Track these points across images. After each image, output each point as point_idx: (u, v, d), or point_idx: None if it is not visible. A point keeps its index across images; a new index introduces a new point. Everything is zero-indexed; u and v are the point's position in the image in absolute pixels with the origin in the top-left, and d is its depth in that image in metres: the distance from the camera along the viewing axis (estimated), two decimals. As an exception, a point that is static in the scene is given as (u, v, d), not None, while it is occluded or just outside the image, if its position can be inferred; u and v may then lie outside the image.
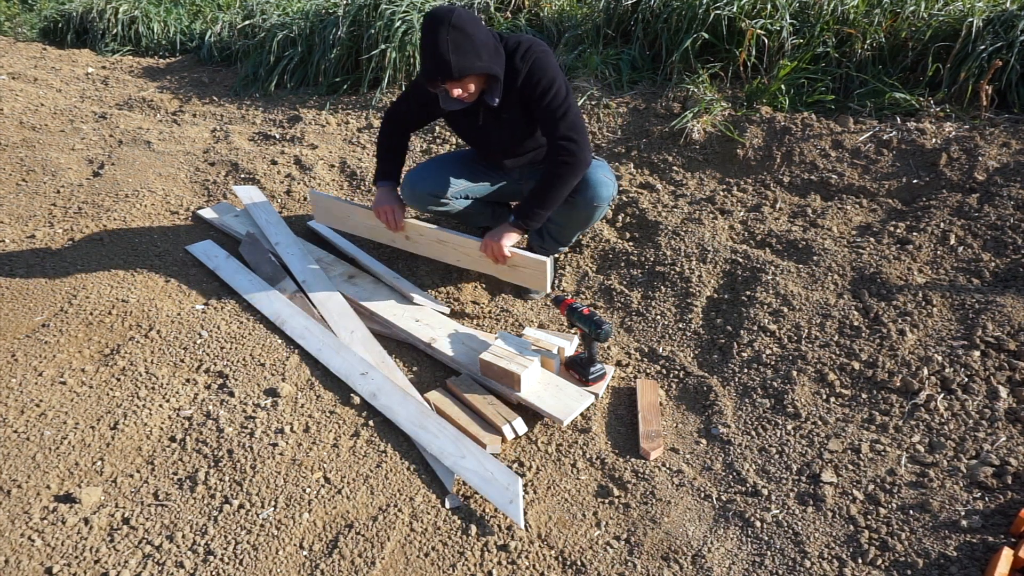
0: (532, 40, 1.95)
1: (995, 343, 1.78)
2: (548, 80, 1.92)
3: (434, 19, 1.77)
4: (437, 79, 1.82)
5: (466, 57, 1.78)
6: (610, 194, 2.12)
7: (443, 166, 2.26)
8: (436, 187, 2.22)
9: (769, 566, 1.38)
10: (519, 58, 1.92)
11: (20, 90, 4.58)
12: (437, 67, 1.78)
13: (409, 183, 2.25)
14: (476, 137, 2.18)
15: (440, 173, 2.23)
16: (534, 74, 1.92)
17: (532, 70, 1.92)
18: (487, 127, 2.08)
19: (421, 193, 2.23)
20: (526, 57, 1.92)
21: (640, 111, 3.29)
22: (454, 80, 1.81)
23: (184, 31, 6.11)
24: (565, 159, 1.95)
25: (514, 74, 1.93)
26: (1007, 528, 1.37)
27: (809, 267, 2.20)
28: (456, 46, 1.76)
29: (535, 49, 1.93)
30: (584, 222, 2.21)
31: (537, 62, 1.92)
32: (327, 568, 1.40)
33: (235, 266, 2.46)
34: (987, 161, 2.44)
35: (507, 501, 1.50)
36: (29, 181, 3.18)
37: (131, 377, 1.93)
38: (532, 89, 1.93)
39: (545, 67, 1.92)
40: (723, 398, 1.82)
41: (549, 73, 1.92)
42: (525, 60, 1.92)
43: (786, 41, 3.18)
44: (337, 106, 4.05)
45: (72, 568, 1.39)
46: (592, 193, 2.08)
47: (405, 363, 2.04)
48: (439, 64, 1.77)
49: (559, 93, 1.93)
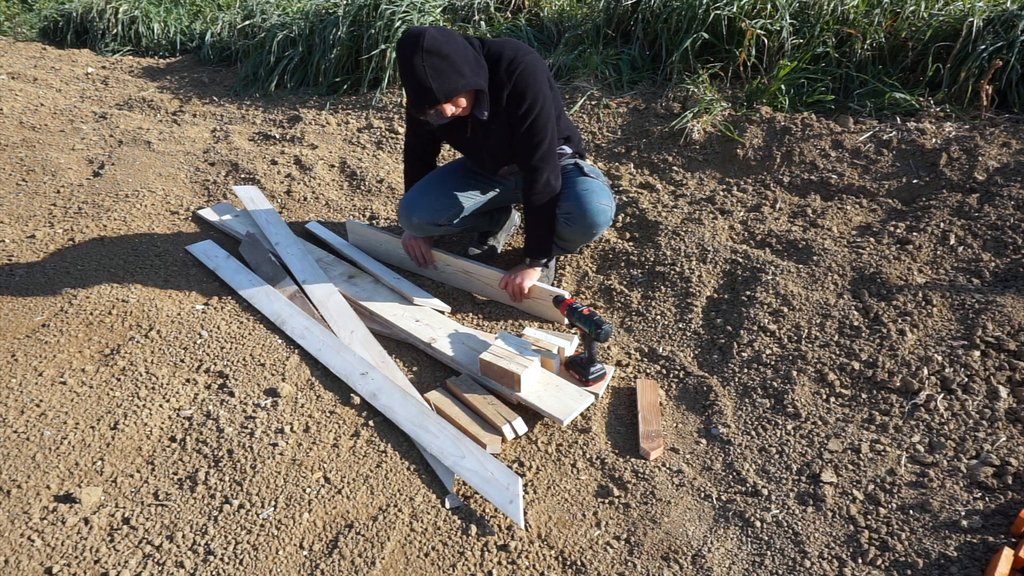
0: (517, 48, 1.89)
1: (995, 343, 1.78)
2: (530, 101, 1.89)
3: (406, 46, 1.72)
4: (424, 107, 1.78)
5: (447, 80, 1.73)
6: (607, 220, 2.13)
7: (436, 188, 2.23)
8: (432, 215, 2.21)
9: (769, 566, 1.38)
10: (503, 70, 1.87)
11: (20, 90, 4.58)
12: (420, 96, 1.75)
13: (405, 213, 2.23)
14: (468, 148, 2.18)
15: (434, 198, 2.21)
16: (517, 91, 1.88)
17: (516, 85, 1.87)
18: (476, 138, 2.07)
19: (418, 223, 2.24)
20: (511, 69, 1.86)
21: (640, 111, 3.29)
22: (441, 103, 1.78)
23: (184, 31, 6.12)
24: (535, 193, 2.02)
25: (499, 86, 1.89)
26: (1007, 528, 1.37)
27: (809, 267, 2.20)
28: (435, 70, 1.71)
29: (520, 60, 1.87)
30: (585, 241, 2.23)
31: (521, 77, 1.87)
32: (327, 568, 1.40)
33: (235, 266, 2.46)
34: (987, 161, 2.44)
35: (507, 501, 1.50)
36: (29, 181, 3.18)
37: (131, 377, 1.93)
38: (515, 108, 1.91)
39: (529, 82, 1.88)
40: (723, 398, 1.82)
41: (532, 91, 1.88)
42: (510, 73, 1.87)
43: (786, 41, 3.18)
44: (337, 106, 4.05)
45: (72, 568, 1.39)
46: (590, 221, 2.08)
47: (405, 363, 2.04)
48: (421, 92, 1.74)
49: (539, 119, 1.92)
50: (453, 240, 2.66)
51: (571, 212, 2.08)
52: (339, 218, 2.91)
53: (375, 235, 2.52)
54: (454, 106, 1.84)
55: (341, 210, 2.95)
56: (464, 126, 2.05)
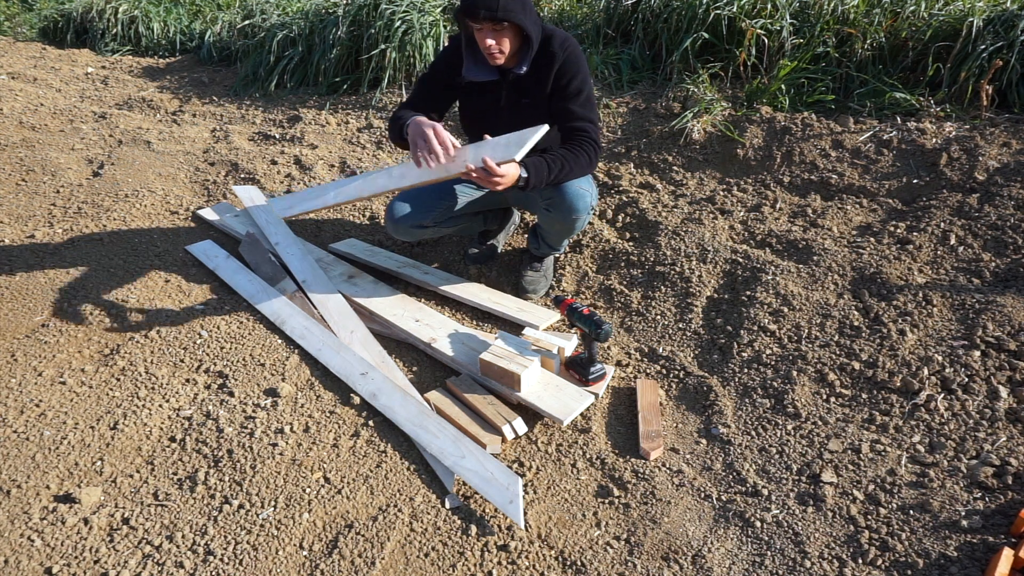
0: (567, 34, 1.98)
1: (995, 343, 1.78)
2: (584, 73, 1.96)
3: None
4: (480, 12, 1.76)
5: (513, 1, 1.77)
6: (587, 205, 2.06)
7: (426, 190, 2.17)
8: (420, 216, 2.17)
9: (769, 566, 1.38)
10: (557, 44, 1.93)
11: (20, 90, 4.58)
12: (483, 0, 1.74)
13: (392, 215, 2.16)
14: (488, 120, 2.08)
15: (425, 199, 2.17)
16: (571, 63, 1.93)
17: (570, 58, 1.93)
18: (504, 110, 2.04)
19: (405, 227, 2.18)
20: (564, 46, 1.93)
21: (640, 111, 3.29)
22: (495, 21, 1.77)
23: (184, 31, 6.12)
24: (583, 139, 1.94)
25: (550, 58, 1.93)
26: (1007, 528, 1.37)
27: (809, 267, 2.20)
28: None
29: (572, 41, 1.96)
30: (568, 231, 2.17)
31: (574, 53, 1.95)
32: (327, 568, 1.40)
33: (235, 266, 2.46)
34: (987, 161, 2.44)
35: (507, 501, 1.50)
36: (29, 181, 3.18)
37: (131, 377, 1.93)
38: (565, 76, 1.94)
39: (581, 60, 1.96)
40: (723, 398, 1.82)
41: (583, 68, 1.96)
42: (564, 48, 1.93)
43: (786, 41, 3.18)
44: (337, 106, 4.05)
45: (72, 568, 1.39)
46: (568, 205, 2.02)
47: (405, 363, 2.04)
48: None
49: (587, 86, 1.97)
50: (453, 240, 2.66)
51: (552, 197, 2.03)
52: (338, 218, 2.91)
53: (312, 192, 2.33)
54: (497, 40, 1.83)
55: (341, 210, 2.95)
56: (498, 95, 2.03)
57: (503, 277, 2.45)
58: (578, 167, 1.92)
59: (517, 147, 1.76)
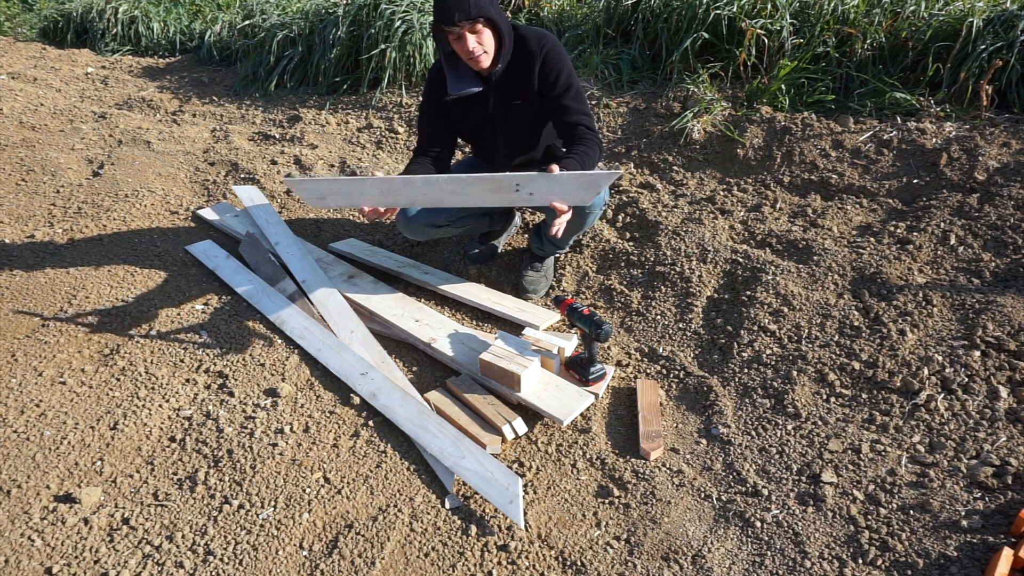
0: (542, 30, 2.00)
1: (995, 343, 1.78)
2: (568, 67, 1.98)
3: None
4: (455, 15, 1.79)
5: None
6: (601, 199, 2.11)
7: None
8: (434, 216, 2.19)
9: (769, 566, 1.38)
10: (533, 43, 1.95)
11: (20, 90, 4.58)
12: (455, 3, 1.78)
13: (405, 213, 2.16)
14: (484, 132, 2.14)
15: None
16: (552, 59, 1.95)
17: (550, 54, 1.96)
18: (496, 116, 2.07)
19: (418, 226, 2.20)
20: (541, 43, 1.95)
21: (640, 111, 3.28)
22: (471, 20, 1.80)
23: (184, 31, 6.12)
24: (586, 134, 1.96)
25: (529, 58, 1.95)
26: (1007, 528, 1.37)
27: (809, 267, 2.20)
28: None
29: (550, 38, 1.98)
30: (578, 227, 2.19)
31: (554, 50, 1.97)
32: (327, 568, 1.40)
33: (235, 266, 2.46)
34: (987, 161, 2.44)
35: (507, 501, 1.50)
36: (29, 181, 3.18)
37: (131, 377, 1.93)
38: (549, 74, 1.96)
39: (562, 55, 1.98)
40: (723, 398, 1.82)
41: (567, 62, 1.98)
42: (541, 45, 1.95)
43: (786, 41, 3.18)
44: (337, 106, 4.05)
45: (72, 568, 1.39)
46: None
47: (405, 363, 2.04)
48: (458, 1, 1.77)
49: (574, 79, 1.99)
50: (453, 240, 2.66)
51: None
52: (337, 217, 2.91)
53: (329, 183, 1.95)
54: (477, 38, 1.86)
55: (340, 209, 2.95)
56: (487, 101, 2.05)
57: (503, 277, 2.45)
58: (592, 163, 1.95)
59: (588, 191, 1.72)
